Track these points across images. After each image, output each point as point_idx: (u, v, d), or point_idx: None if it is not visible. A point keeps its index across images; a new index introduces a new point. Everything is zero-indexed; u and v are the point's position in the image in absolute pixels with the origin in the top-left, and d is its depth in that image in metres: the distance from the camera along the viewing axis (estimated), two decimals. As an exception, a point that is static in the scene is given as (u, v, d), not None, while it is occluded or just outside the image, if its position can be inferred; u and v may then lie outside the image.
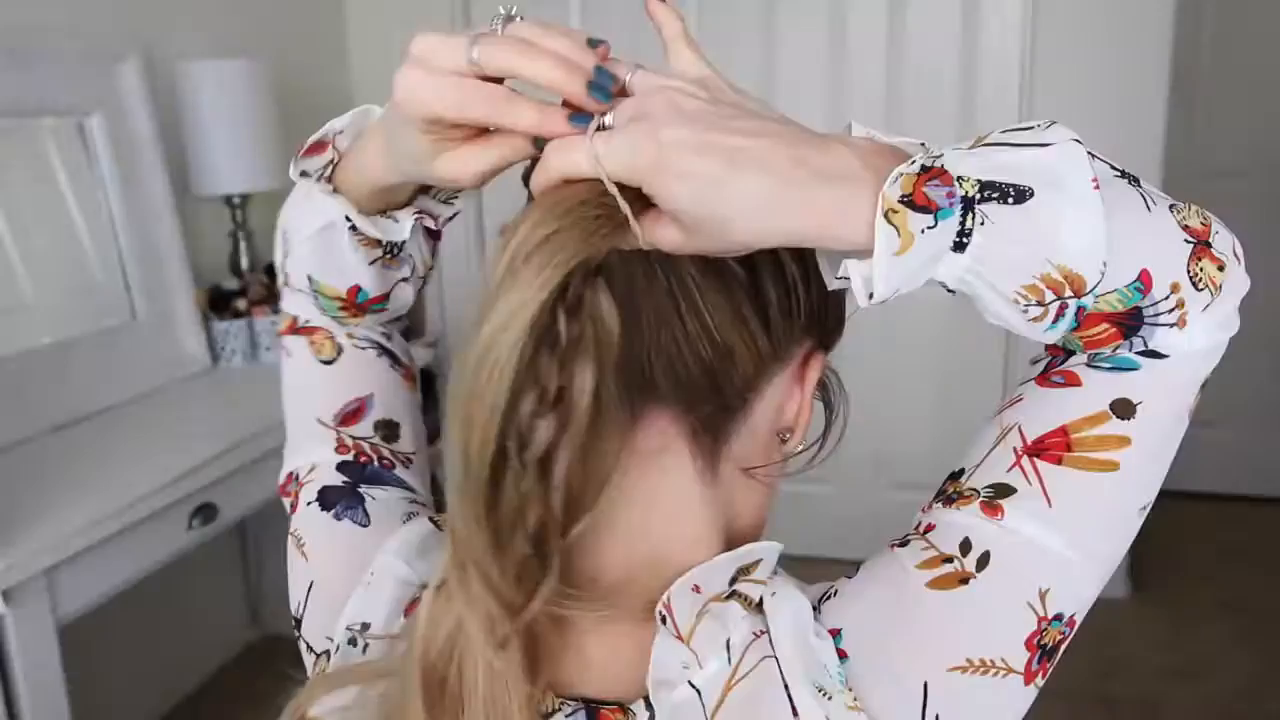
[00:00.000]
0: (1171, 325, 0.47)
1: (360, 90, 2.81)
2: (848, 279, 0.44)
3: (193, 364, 2.05)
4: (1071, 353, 0.51)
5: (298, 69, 2.52)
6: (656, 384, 0.49)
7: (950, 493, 0.53)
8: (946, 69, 2.56)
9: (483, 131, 0.49)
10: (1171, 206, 0.47)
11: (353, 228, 0.60)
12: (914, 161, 0.42)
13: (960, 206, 0.42)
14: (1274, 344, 3.02)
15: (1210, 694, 2.26)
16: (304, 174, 0.62)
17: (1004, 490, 0.50)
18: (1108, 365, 0.49)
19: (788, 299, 0.51)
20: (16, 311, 1.78)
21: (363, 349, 0.66)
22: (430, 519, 0.61)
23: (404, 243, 0.62)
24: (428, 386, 0.75)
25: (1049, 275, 0.43)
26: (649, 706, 0.49)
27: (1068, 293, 0.44)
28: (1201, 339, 0.49)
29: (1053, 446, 0.49)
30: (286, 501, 0.66)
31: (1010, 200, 0.42)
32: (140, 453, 1.63)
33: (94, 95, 1.90)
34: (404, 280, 0.65)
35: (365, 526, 0.61)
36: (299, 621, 0.62)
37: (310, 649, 0.61)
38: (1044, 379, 0.52)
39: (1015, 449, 0.50)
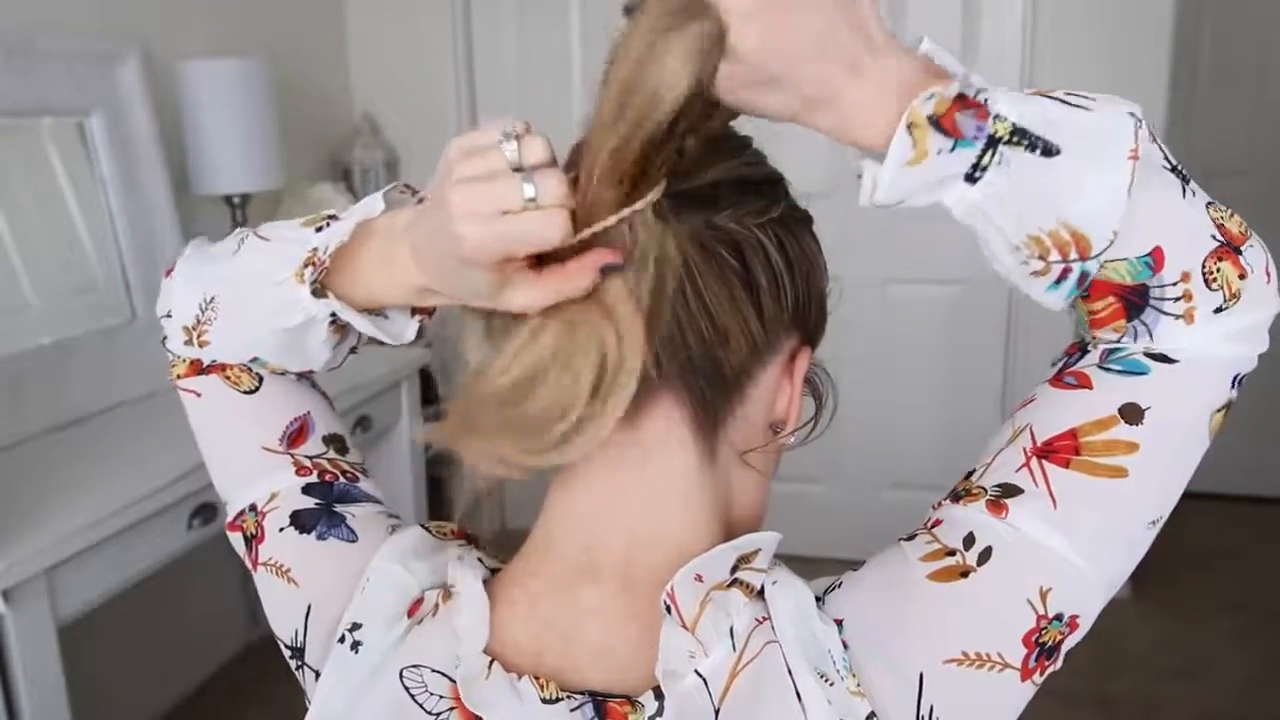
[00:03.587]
0: (1177, 317, 0.48)
1: (360, 90, 2.81)
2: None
3: (193, 364, 2.04)
4: (1086, 350, 0.52)
5: (298, 69, 2.52)
6: (660, 364, 0.50)
7: (960, 490, 0.53)
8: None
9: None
10: (1211, 204, 0.48)
11: (332, 322, 0.58)
12: (953, 85, 0.43)
13: (984, 141, 0.43)
14: (1273, 345, 3.02)
15: (1209, 694, 2.26)
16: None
17: (1011, 490, 0.50)
18: (1119, 368, 0.49)
19: (775, 286, 0.52)
20: (16, 311, 1.77)
21: (281, 373, 0.65)
22: (423, 526, 0.61)
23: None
24: (427, 386, 0.75)
25: (1056, 232, 0.45)
26: (658, 697, 0.50)
27: (1073, 254, 0.45)
28: (1216, 346, 0.49)
29: (1061, 449, 0.50)
30: (238, 536, 0.63)
31: (1037, 151, 0.43)
32: (140, 453, 1.63)
33: (94, 95, 1.90)
34: (352, 351, 0.64)
35: (354, 542, 0.60)
36: (300, 650, 0.59)
37: (318, 675, 0.57)
38: (1057, 380, 0.52)
39: (1025, 449, 0.51)
